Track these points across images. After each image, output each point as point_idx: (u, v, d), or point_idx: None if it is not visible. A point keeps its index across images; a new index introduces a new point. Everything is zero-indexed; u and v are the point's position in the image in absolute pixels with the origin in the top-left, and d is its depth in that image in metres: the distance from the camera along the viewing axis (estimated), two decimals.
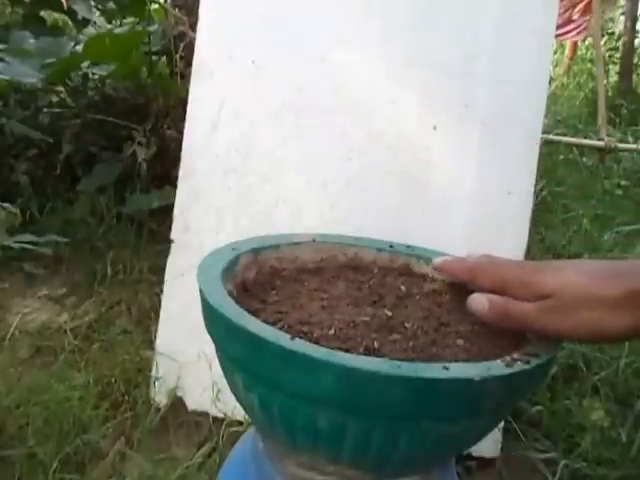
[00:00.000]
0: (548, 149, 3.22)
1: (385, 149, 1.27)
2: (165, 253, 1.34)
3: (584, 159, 3.41)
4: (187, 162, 1.31)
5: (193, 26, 1.75)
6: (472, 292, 0.63)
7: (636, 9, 5.63)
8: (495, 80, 1.24)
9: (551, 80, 5.36)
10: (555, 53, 6.63)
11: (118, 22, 2.58)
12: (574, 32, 5.51)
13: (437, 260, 0.59)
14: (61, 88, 2.32)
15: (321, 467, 0.49)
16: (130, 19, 2.47)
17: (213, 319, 0.49)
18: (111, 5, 2.53)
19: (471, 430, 0.48)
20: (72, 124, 2.28)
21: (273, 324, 0.49)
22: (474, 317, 0.57)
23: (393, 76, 1.26)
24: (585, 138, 3.41)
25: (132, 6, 2.38)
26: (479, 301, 0.51)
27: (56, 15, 2.87)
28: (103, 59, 2.13)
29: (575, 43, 6.33)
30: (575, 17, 5.36)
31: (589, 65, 6.29)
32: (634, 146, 3.29)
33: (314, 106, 1.28)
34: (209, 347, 0.52)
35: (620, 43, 6.04)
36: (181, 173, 1.32)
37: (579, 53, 6.76)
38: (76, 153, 2.23)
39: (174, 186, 1.33)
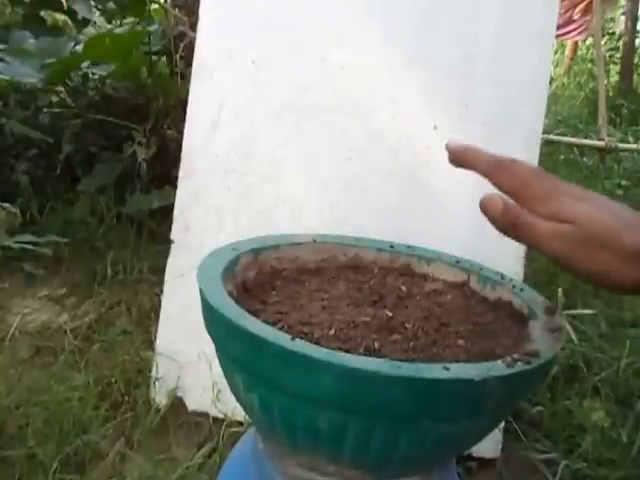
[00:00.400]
0: (549, 149, 3.22)
1: (385, 149, 1.27)
2: (165, 253, 1.34)
3: (584, 159, 3.41)
4: (187, 162, 1.31)
5: (193, 26, 1.75)
6: (473, 294, 0.63)
7: (636, 9, 5.63)
8: (496, 80, 1.24)
9: (552, 80, 5.36)
10: (556, 53, 6.63)
11: (118, 22, 2.58)
12: (575, 32, 5.51)
13: (453, 144, 0.50)
14: (61, 88, 2.32)
15: (322, 467, 0.49)
16: (130, 19, 2.47)
17: (213, 319, 0.49)
18: (111, 5, 2.53)
19: (471, 430, 0.48)
20: (72, 124, 2.28)
21: (273, 324, 0.49)
22: (475, 317, 0.57)
23: (393, 76, 1.26)
24: (586, 138, 3.42)
25: (132, 6, 2.38)
26: (494, 200, 0.46)
27: (56, 15, 2.87)
28: (103, 59, 2.13)
29: (576, 43, 6.33)
30: (576, 17, 5.36)
31: (590, 65, 6.29)
32: (634, 146, 3.30)
33: (314, 106, 1.28)
34: (209, 347, 0.52)
35: (621, 43, 6.04)
36: (181, 173, 1.32)
37: (579, 53, 6.76)
38: (76, 153, 2.23)
39: (174, 186, 1.33)
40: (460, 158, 0.50)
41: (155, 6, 2.31)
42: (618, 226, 0.43)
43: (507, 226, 0.46)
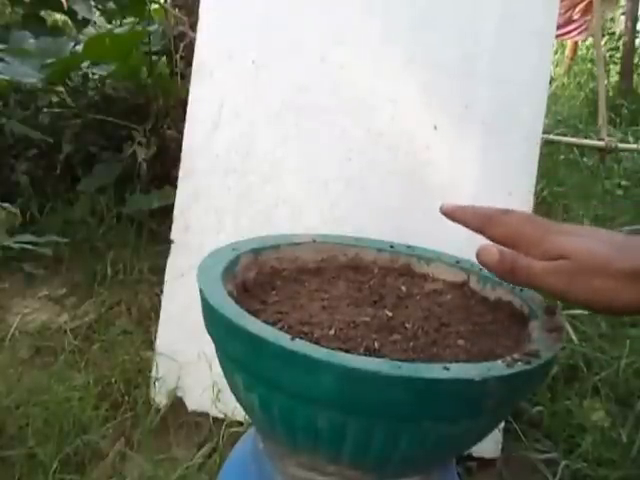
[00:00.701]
0: (549, 149, 3.22)
1: (385, 149, 1.27)
2: (165, 253, 1.34)
3: (585, 159, 3.41)
4: (187, 162, 1.31)
5: (193, 26, 1.75)
6: (473, 294, 0.63)
7: (637, 9, 5.63)
8: (496, 80, 1.24)
9: (552, 80, 5.36)
10: (556, 53, 6.63)
11: (118, 22, 2.57)
12: (575, 32, 5.51)
13: (447, 205, 0.55)
14: (61, 88, 2.32)
15: (321, 467, 0.49)
16: (130, 19, 2.47)
17: (213, 319, 0.49)
18: (111, 5, 2.53)
19: (471, 430, 0.48)
20: (72, 124, 2.28)
21: (273, 324, 0.49)
22: (475, 317, 0.57)
23: (393, 76, 1.26)
24: (586, 138, 3.41)
25: (132, 6, 2.38)
26: (490, 251, 0.49)
27: (56, 15, 2.87)
28: (103, 59, 2.13)
29: (576, 43, 6.33)
30: (576, 17, 5.36)
31: (590, 65, 6.29)
32: (634, 146, 3.29)
33: (314, 106, 1.28)
34: (209, 347, 0.52)
35: (621, 43, 6.04)
36: (181, 173, 1.32)
37: (579, 53, 6.75)
38: (76, 153, 2.23)
39: (174, 186, 1.33)
40: (452, 217, 0.54)
41: (155, 6, 2.31)
42: (614, 254, 0.44)
43: (505, 272, 0.48)
